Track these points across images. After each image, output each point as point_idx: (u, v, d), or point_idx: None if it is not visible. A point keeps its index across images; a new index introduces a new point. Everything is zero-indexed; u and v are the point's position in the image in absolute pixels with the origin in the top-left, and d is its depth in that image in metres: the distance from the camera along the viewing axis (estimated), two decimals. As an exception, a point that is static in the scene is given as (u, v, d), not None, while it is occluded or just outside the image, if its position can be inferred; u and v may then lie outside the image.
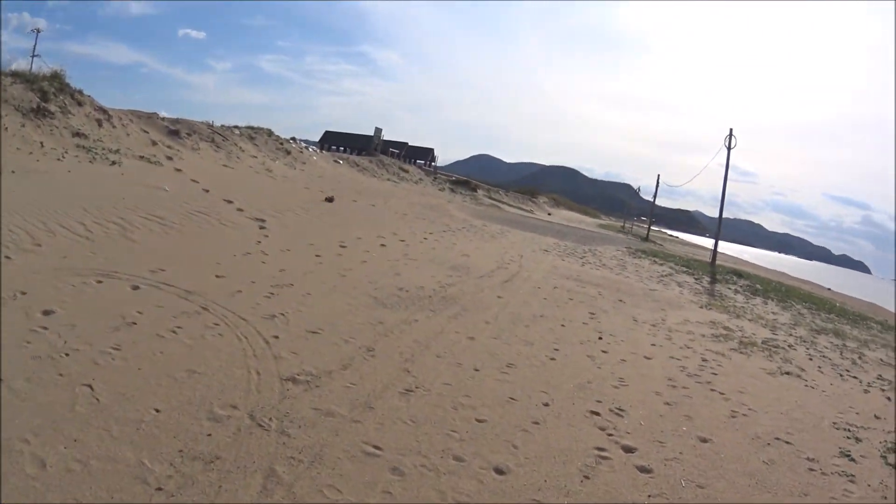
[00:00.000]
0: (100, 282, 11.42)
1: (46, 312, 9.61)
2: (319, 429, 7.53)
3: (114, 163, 24.32)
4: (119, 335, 9.33)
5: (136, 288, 11.52)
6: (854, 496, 8.87)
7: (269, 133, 47.40)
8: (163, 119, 35.90)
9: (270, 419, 7.56)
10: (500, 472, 7.39)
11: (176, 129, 35.21)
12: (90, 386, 7.57)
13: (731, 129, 51.98)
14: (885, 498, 8.93)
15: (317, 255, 17.07)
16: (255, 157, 38.22)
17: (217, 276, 13.20)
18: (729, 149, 51.95)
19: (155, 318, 10.24)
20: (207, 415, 7.43)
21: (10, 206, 14.25)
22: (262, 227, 19.76)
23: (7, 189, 15.57)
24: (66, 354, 8.33)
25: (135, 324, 9.87)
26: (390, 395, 8.99)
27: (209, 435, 6.97)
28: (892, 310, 49.18)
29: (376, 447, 7.37)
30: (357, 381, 9.27)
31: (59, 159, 22.11)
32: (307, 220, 23.33)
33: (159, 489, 5.78)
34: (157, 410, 7.32)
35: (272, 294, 12.68)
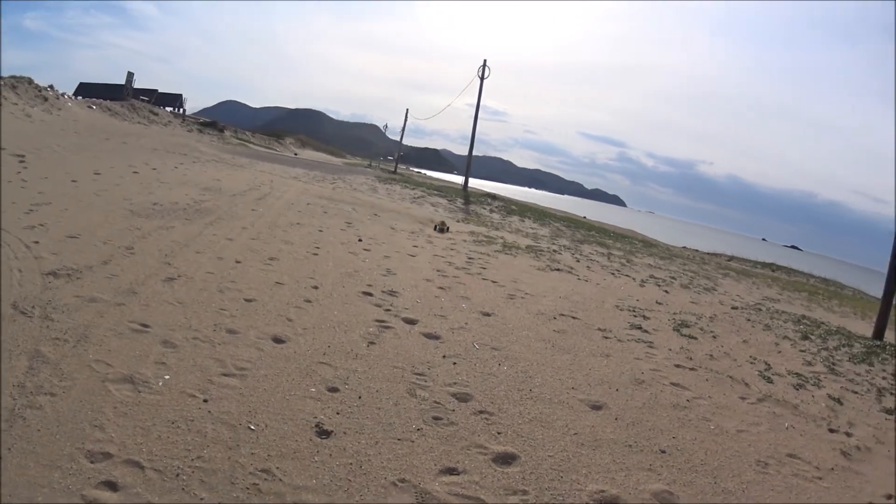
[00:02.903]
0: None
1: None
2: (83, 312, 7.07)
3: None
4: None
5: None
6: (658, 357, 9.30)
7: (30, 81, 44.99)
8: (-72, 72, 33.55)
9: (33, 307, 7.01)
10: (278, 340, 7.25)
11: (-60, 82, 32.89)
12: None
13: (484, 60, 53.15)
14: (690, 359, 9.48)
15: (73, 181, 16.16)
16: (16, 104, 36.02)
17: (-22, 201, 12.21)
18: (482, 79, 52.93)
19: (-89, 239, 9.43)
20: (-32, 309, 6.84)
21: None
22: (21, 161, 18.51)
23: None
24: None
25: None
26: (153, 283, 8.66)
27: (-31, 327, 6.39)
28: (649, 235, 51.96)
29: (144, 325, 7.01)
30: (118, 272, 8.86)
31: None
32: (64, 155, 21.97)
33: None
34: (-89, 313, 6.67)
35: (32, 210, 11.92)
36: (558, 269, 15.69)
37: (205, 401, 5.40)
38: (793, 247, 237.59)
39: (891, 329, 15.32)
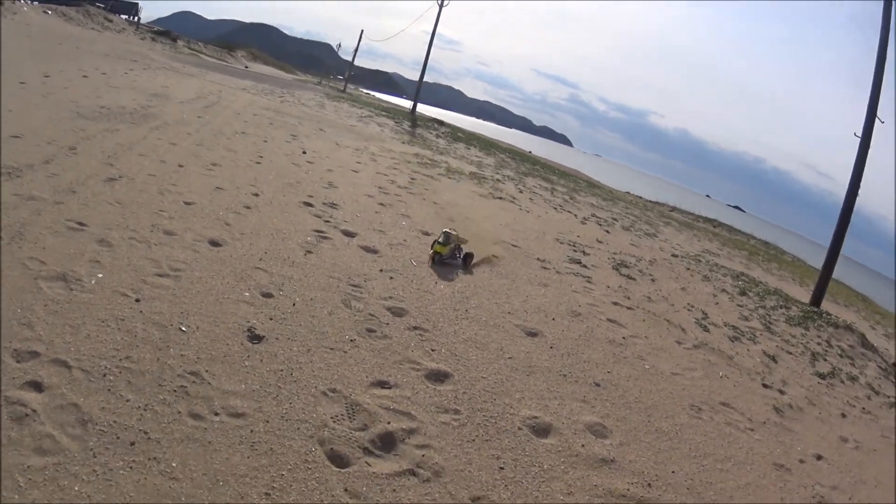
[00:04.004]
0: None
1: None
2: (20, 210, 6.83)
3: None
4: None
5: None
6: (596, 292, 9.36)
7: (-16, -15, 43.60)
8: None
9: (-34, 205, 6.81)
10: (215, 244, 7.19)
11: None
12: None
13: (445, -12, 51.95)
14: (628, 298, 9.55)
15: (21, 83, 15.47)
16: None
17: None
18: (441, 6, 51.97)
19: None
20: None
21: None
22: None
23: None
24: None
25: None
26: (94, 183, 8.43)
27: None
28: (594, 176, 52.10)
29: (81, 223, 6.84)
30: (59, 172, 8.57)
31: None
32: (16, 59, 21.09)
33: None
34: None
35: None
36: (500, 198, 15.71)
37: (137, 300, 5.31)
38: (736, 207, 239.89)
39: (828, 299, 15.61)
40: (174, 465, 3.57)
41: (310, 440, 4.07)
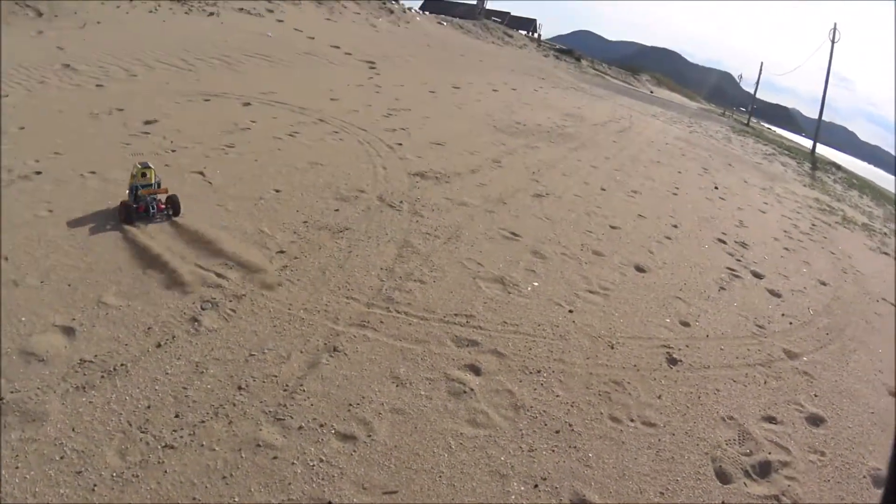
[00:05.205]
0: (207, 100, 11.40)
1: (148, 122, 9.57)
2: (453, 214, 7.81)
3: (211, 13, 23.24)
4: (231, 137, 9.42)
5: (247, 104, 11.53)
6: None
7: (371, -6, 44.95)
8: (261, -25, 34.38)
9: (401, 202, 7.82)
10: (640, 269, 7.75)
11: (277, -16, 33.40)
12: (201, 173, 7.69)
13: (835, 24, 50.02)
14: None
15: (431, 92, 16.85)
16: (359, 13, 36.30)
17: (331, 99, 13.13)
18: (833, 42, 50.07)
19: (269, 125, 10.35)
20: (334, 195, 7.70)
21: (95, 48, 14.05)
22: (371, 68, 19.41)
23: (89, 35, 15.40)
24: (172, 151, 8.39)
25: (248, 129, 9.99)
26: (522, 196, 9.25)
27: (336, 210, 7.24)
28: None
29: (514, 234, 7.68)
30: (486, 182, 9.50)
31: (151, 11, 21.00)
32: (416, 65, 22.67)
33: (281, 252, 5.98)
34: (278, 191, 7.52)
35: (390, 114, 12.66)
36: (886, 253, 14.68)
37: (570, 311, 6.07)
38: None
39: None
40: (590, 455, 4.25)
41: (704, 456, 4.61)
